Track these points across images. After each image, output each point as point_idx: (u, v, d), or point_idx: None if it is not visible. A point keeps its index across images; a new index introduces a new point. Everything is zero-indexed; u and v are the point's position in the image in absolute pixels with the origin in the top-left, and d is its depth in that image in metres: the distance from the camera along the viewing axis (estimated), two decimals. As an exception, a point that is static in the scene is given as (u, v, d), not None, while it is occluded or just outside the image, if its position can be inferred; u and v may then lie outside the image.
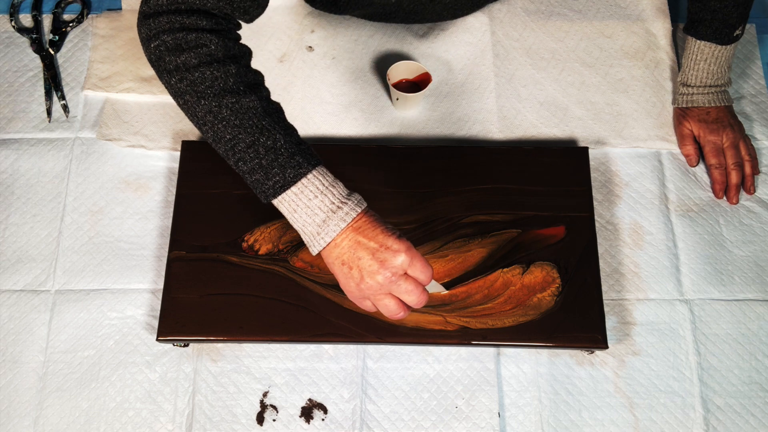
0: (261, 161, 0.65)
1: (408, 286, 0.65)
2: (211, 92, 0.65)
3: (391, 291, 0.65)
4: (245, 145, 0.65)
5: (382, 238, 0.64)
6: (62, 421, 0.82)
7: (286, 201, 0.66)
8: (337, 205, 0.65)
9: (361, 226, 0.65)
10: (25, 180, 0.94)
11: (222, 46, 0.66)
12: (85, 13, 1.05)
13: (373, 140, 0.96)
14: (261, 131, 0.65)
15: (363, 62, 1.01)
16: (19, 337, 0.86)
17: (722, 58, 0.91)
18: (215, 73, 0.65)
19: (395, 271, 0.64)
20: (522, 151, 0.91)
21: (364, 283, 0.65)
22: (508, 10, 1.04)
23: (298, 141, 0.67)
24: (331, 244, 0.65)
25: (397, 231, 0.66)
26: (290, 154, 0.65)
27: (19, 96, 1.00)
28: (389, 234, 0.65)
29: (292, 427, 0.82)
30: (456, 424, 0.82)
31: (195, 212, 0.87)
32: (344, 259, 0.65)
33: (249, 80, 0.67)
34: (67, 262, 0.90)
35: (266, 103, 0.67)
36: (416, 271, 0.65)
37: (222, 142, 0.66)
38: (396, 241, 0.64)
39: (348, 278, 0.66)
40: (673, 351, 0.85)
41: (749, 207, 0.93)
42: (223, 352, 0.85)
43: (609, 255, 0.90)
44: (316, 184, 0.65)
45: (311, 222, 0.65)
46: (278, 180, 0.65)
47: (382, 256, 0.64)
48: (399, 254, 0.64)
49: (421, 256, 0.65)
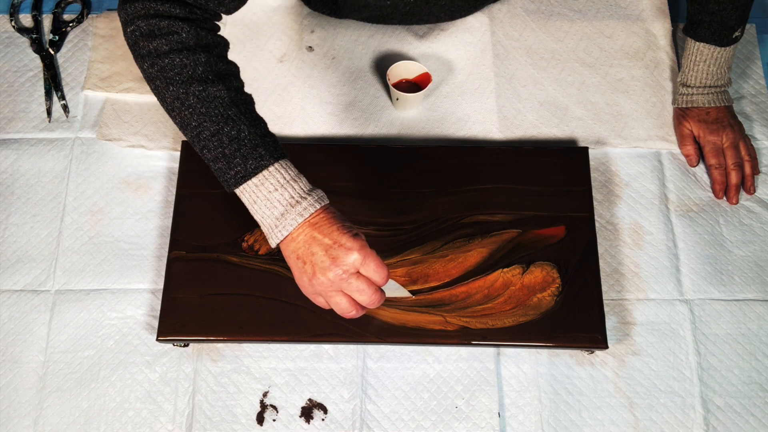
0: (224, 150, 0.66)
1: (360, 285, 0.65)
2: (180, 79, 0.66)
3: (342, 288, 0.66)
4: (209, 134, 0.66)
5: (337, 235, 0.65)
6: (62, 421, 0.82)
7: (246, 192, 0.67)
8: (297, 200, 0.66)
9: (318, 222, 0.65)
10: (25, 180, 0.94)
11: (193, 35, 0.67)
12: (85, 13, 1.05)
13: (373, 140, 0.96)
14: (226, 121, 0.66)
15: (363, 62, 1.01)
16: (19, 337, 0.86)
17: (722, 59, 0.91)
18: (184, 60, 0.66)
19: (347, 268, 0.64)
20: (522, 151, 0.91)
21: (316, 279, 0.65)
22: (508, 10, 1.04)
23: (264, 134, 0.68)
24: (287, 238, 0.66)
25: (354, 230, 0.66)
26: (253, 145, 0.66)
27: (19, 96, 1.00)
28: (344, 232, 0.65)
29: (292, 427, 0.82)
30: (456, 424, 0.82)
31: (195, 212, 0.87)
32: (299, 253, 0.66)
33: (219, 70, 0.68)
34: (67, 262, 0.90)
35: (234, 94, 0.68)
36: (369, 271, 0.65)
37: (188, 129, 0.67)
38: (350, 239, 0.65)
39: (302, 273, 0.67)
40: (673, 351, 0.85)
41: (749, 207, 0.93)
42: (223, 352, 0.85)
43: (609, 255, 0.90)
44: (277, 177, 0.66)
45: (270, 215, 0.66)
46: (239, 170, 0.66)
47: (334, 253, 0.64)
48: (351, 252, 0.64)
49: (376, 257, 0.66)
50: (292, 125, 0.97)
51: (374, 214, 0.87)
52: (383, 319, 0.81)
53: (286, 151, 0.69)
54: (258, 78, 1.00)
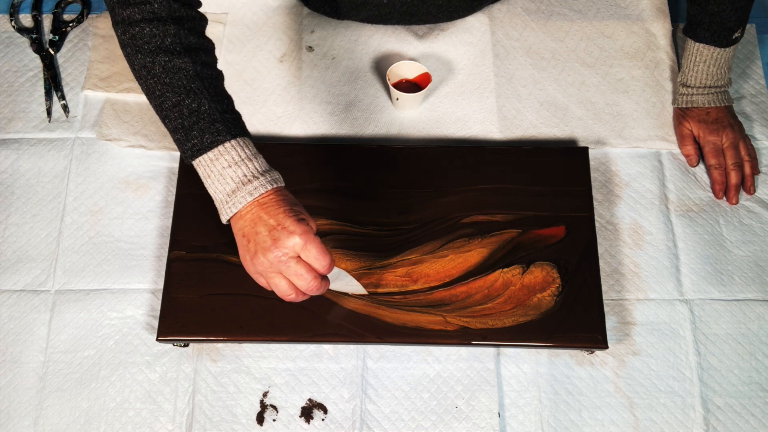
0: (183, 122, 0.67)
1: (298, 270, 0.65)
2: (148, 48, 0.67)
3: (281, 271, 0.66)
4: (171, 104, 0.67)
5: (282, 218, 0.65)
6: (62, 421, 0.82)
7: (202, 165, 0.67)
8: (249, 179, 0.66)
9: (266, 203, 0.66)
10: (25, 180, 0.94)
11: (166, 6, 0.68)
12: (85, 13, 1.05)
13: (373, 140, 0.96)
14: (188, 93, 0.67)
15: (363, 62, 1.01)
16: (19, 337, 0.86)
17: (722, 60, 0.91)
18: (154, 30, 0.67)
19: (286, 251, 0.64)
20: (522, 151, 0.91)
21: (257, 259, 0.66)
22: (508, 10, 1.04)
23: (225, 110, 0.68)
24: (236, 215, 0.67)
25: (302, 215, 0.66)
26: (212, 120, 0.67)
27: (19, 96, 1.00)
28: (290, 215, 0.65)
29: (292, 427, 0.82)
30: (456, 424, 0.82)
31: (195, 212, 0.87)
32: (245, 231, 0.66)
33: (188, 43, 0.69)
34: (67, 262, 0.90)
35: (200, 68, 0.68)
36: (310, 257, 0.65)
37: (152, 98, 0.69)
38: (294, 223, 0.65)
39: (245, 251, 0.67)
40: (673, 351, 0.85)
41: (749, 207, 0.93)
42: (223, 352, 0.85)
43: (609, 255, 0.90)
44: (233, 154, 0.67)
45: (222, 190, 0.67)
46: (196, 143, 0.67)
47: (277, 235, 0.64)
48: (293, 236, 0.64)
49: (320, 244, 0.65)
50: (292, 125, 0.97)
51: (374, 214, 0.87)
52: (383, 319, 0.81)
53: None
54: (258, 78, 1.00)
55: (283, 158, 0.90)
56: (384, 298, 0.82)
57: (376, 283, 0.83)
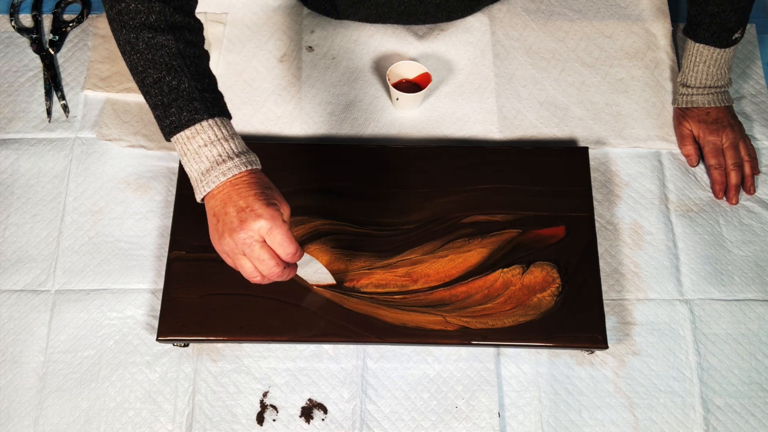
0: (163, 99, 0.67)
1: (261, 255, 0.65)
2: (133, 24, 0.68)
3: (245, 253, 0.66)
4: (152, 81, 0.68)
5: (252, 200, 0.65)
6: (62, 421, 0.82)
7: (179, 143, 0.68)
8: (224, 159, 0.66)
9: (238, 184, 0.66)
10: (25, 180, 0.94)
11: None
12: (85, 13, 1.05)
13: (373, 140, 0.96)
14: (168, 70, 0.67)
15: (363, 62, 1.01)
16: (19, 337, 0.86)
17: (722, 60, 0.91)
18: (139, 6, 0.68)
19: (251, 234, 0.64)
20: (522, 151, 0.91)
21: (224, 239, 0.66)
22: (508, 10, 1.04)
23: (206, 89, 0.69)
24: (209, 195, 0.67)
25: (273, 199, 0.66)
26: (191, 98, 0.67)
27: (19, 96, 1.00)
28: (260, 198, 0.65)
29: (292, 427, 0.82)
30: (456, 424, 0.82)
31: (195, 212, 0.87)
32: (215, 211, 0.66)
33: (173, 21, 0.69)
34: (67, 262, 0.90)
35: (183, 46, 0.69)
36: (275, 242, 0.65)
37: (135, 73, 0.69)
38: (262, 206, 0.64)
39: (214, 230, 0.67)
40: (673, 351, 0.85)
41: (749, 207, 0.93)
42: (223, 352, 0.85)
43: (609, 255, 0.90)
44: (209, 133, 0.67)
45: (197, 169, 0.67)
46: (174, 120, 0.67)
47: (244, 216, 0.64)
48: (259, 219, 0.64)
49: (286, 231, 0.65)
50: (292, 125, 0.97)
51: (374, 214, 0.87)
52: (383, 319, 0.81)
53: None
54: (258, 78, 1.00)
55: (283, 158, 0.90)
56: (384, 298, 0.82)
57: (376, 283, 0.83)
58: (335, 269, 0.83)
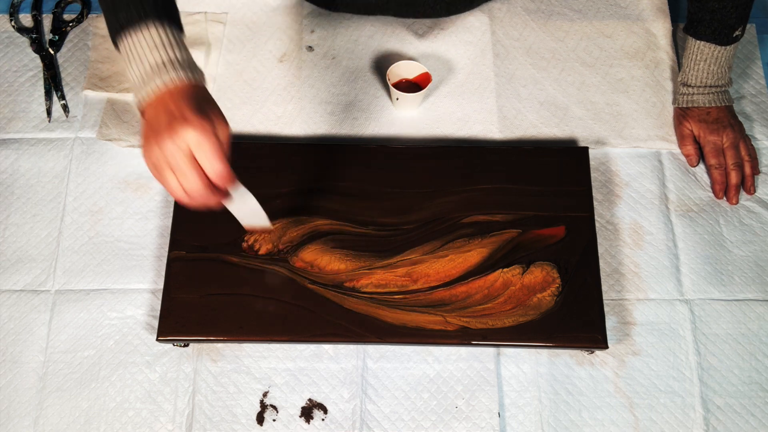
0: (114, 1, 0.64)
1: (185, 167, 0.59)
2: None
3: (170, 164, 0.61)
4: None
5: (185, 109, 0.60)
6: (62, 421, 0.82)
7: (125, 47, 0.64)
8: (166, 67, 0.63)
9: (176, 93, 0.62)
10: (25, 180, 0.94)
11: None
12: (85, 12, 1.05)
13: (373, 140, 0.96)
14: None
15: (363, 62, 1.01)
16: (19, 337, 0.86)
17: (722, 59, 0.91)
18: None
19: (179, 144, 0.59)
20: (522, 151, 0.91)
21: (150, 147, 0.61)
22: (508, 9, 1.04)
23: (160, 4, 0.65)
24: (147, 101, 0.63)
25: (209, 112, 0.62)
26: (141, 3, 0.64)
27: (19, 96, 1.00)
28: (193, 108, 0.60)
29: (292, 427, 0.82)
30: (456, 424, 0.82)
31: (195, 212, 0.86)
32: (149, 118, 0.62)
33: None
34: (67, 262, 0.90)
35: None
36: (203, 157, 0.60)
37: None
38: (194, 115, 0.60)
39: (145, 138, 0.62)
40: (673, 351, 0.85)
41: (749, 207, 0.93)
42: (223, 352, 0.85)
43: (609, 255, 0.90)
44: (155, 38, 0.63)
45: (139, 74, 0.63)
46: (121, 18, 0.64)
47: (174, 124, 0.60)
48: (187, 127, 0.59)
49: (217, 146, 0.60)
50: (292, 125, 0.97)
51: (374, 214, 0.87)
52: (383, 319, 0.81)
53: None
54: (258, 78, 1.00)
55: (283, 158, 0.90)
56: (384, 298, 0.82)
57: (376, 283, 0.83)
58: (335, 269, 0.83)
